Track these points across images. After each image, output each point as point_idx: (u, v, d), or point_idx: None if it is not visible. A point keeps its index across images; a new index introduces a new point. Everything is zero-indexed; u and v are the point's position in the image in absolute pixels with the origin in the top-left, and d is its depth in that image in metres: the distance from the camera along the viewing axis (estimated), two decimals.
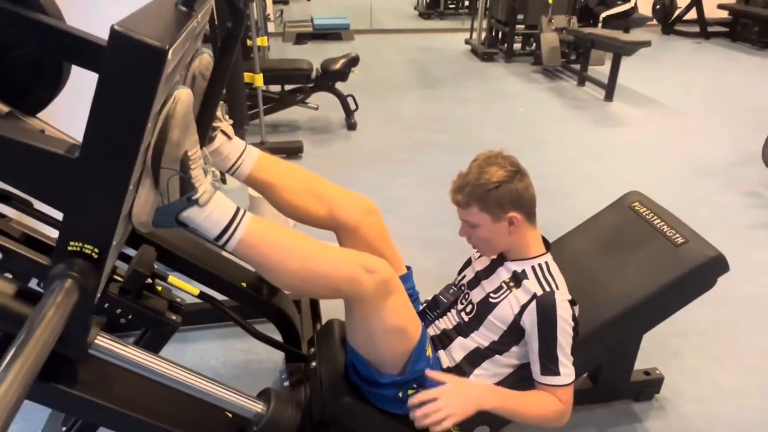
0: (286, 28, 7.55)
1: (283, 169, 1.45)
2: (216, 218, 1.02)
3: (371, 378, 1.32)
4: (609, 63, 4.95)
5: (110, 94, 0.74)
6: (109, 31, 0.70)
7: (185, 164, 0.95)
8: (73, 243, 0.82)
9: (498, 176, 1.28)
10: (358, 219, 1.45)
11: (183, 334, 2.03)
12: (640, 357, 1.72)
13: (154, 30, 0.74)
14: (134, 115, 0.76)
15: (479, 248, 1.42)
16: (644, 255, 1.53)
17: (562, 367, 1.28)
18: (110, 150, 0.78)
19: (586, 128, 4.37)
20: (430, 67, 6.21)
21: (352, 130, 4.22)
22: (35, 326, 0.68)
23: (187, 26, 0.88)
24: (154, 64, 0.72)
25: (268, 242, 1.09)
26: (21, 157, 0.79)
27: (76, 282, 0.80)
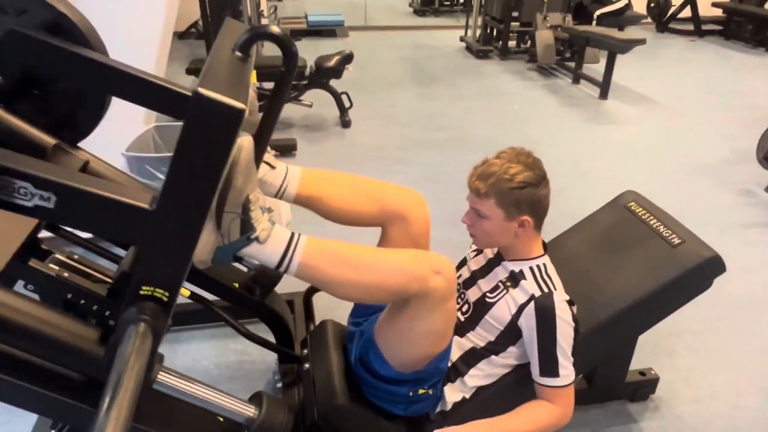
0: (279, 24, 7.51)
1: (327, 179, 1.44)
2: (273, 249, 1.05)
3: (383, 373, 1.30)
4: (604, 61, 4.95)
5: (190, 150, 0.77)
6: (193, 93, 0.74)
7: (246, 207, 0.99)
8: (145, 288, 0.86)
9: (525, 177, 1.26)
10: (408, 210, 1.44)
11: (175, 334, 2.01)
12: (636, 357, 1.71)
13: (229, 88, 0.77)
14: (212, 169, 0.80)
15: (477, 238, 1.38)
16: (640, 255, 1.52)
17: (562, 368, 1.27)
18: (187, 201, 0.81)
19: (581, 126, 4.36)
20: (425, 64, 6.19)
21: (347, 127, 4.20)
22: (122, 372, 0.74)
23: (248, 74, 0.92)
24: (233, 122, 0.76)
25: (327, 260, 1.10)
26: (101, 209, 0.81)
27: (149, 325, 0.84)
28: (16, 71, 1.04)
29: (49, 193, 0.78)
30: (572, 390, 1.30)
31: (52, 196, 0.78)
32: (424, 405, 1.36)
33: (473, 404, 1.36)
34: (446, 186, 3.31)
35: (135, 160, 2.45)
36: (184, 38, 6.66)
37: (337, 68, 4.03)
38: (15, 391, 0.92)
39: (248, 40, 0.95)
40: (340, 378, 1.38)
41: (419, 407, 1.36)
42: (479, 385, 1.37)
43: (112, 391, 0.70)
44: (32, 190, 0.78)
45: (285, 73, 1.11)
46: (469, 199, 1.34)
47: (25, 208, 0.79)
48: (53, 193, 0.78)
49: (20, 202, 0.78)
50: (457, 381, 1.37)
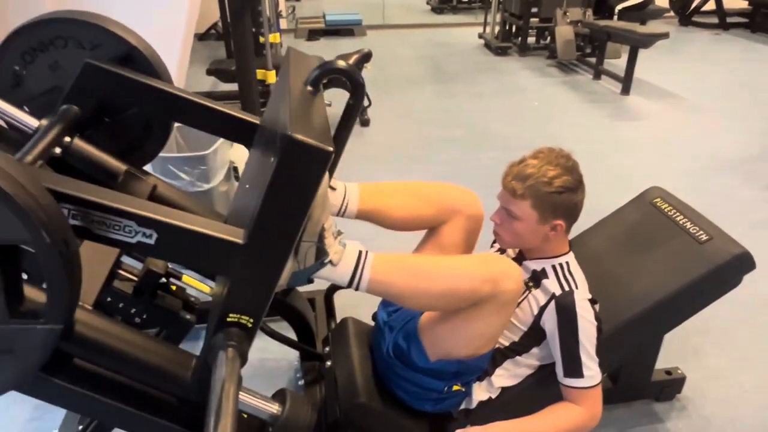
0: (298, 24, 7.54)
1: (384, 191, 1.45)
2: (343, 269, 1.08)
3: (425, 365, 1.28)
4: (625, 56, 4.87)
5: (282, 189, 0.82)
6: (287, 138, 0.78)
7: (321, 235, 1.03)
8: (232, 315, 0.91)
9: (564, 181, 1.24)
10: (464, 206, 1.45)
11: (198, 332, 2.02)
12: (661, 356, 1.68)
13: (316, 130, 0.82)
14: (300, 206, 0.84)
15: (504, 238, 1.36)
16: (667, 252, 1.49)
17: (586, 369, 1.25)
18: (276, 237, 0.86)
19: (603, 122, 4.31)
20: (443, 62, 6.16)
21: (365, 126, 4.20)
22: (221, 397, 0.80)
23: (323, 109, 0.95)
24: (322, 163, 0.80)
25: (395, 273, 1.12)
26: (196, 244, 0.86)
27: (237, 351, 0.89)
28: (93, 102, 1.10)
29: (151, 230, 0.84)
30: (599, 391, 1.27)
31: (153, 233, 0.84)
32: (452, 402, 1.35)
33: (497, 404, 1.35)
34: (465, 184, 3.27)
35: (159, 160, 2.49)
36: (204, 39, 6.72)
37: (356, 67, 4.02)
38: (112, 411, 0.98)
39: (319, 76, 1.00)
40: (363, 375, 1.38)
41: (448, 404, 1.35)
42: (505, 386, 1.36)
43: (216, 414, 0.77)
44: (136, 228, 0.83)
45: (352, 105, 1.16)
46: (501, 197, 1.32)
47: (128, 245, 0.85)
48: (154, 230, 0.84)
49: (125, 239, 0.84)
50: (485, 380, 1.37)
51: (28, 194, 0.67)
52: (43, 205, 0.69)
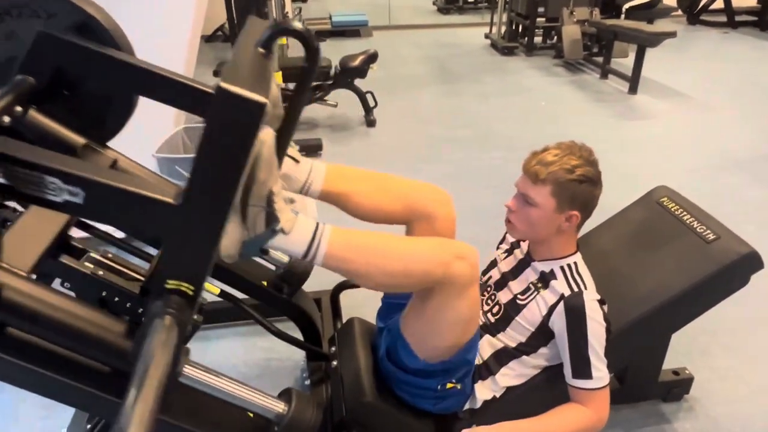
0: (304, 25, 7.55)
1: (352, 175, 1.44)
2: (299, 239, 1.05)
3: (414, 365, 1.29)
4: (633, 55, 4.85)
5: (214, 145, 0.79)
6: (216, 88, 0.75)
7: (270, 199, 0.99)
8: (170, 281, 0.87)
9: (585, 171, 1.25)
10: (433, 208, 1.43)
11: (205, 332, 2.04)
12: (669, 356, 1.67)
13: (252, 82, 0.78)
14: (235, 163, 0.81)
15: (517, 226, 1.34)
16: (674, 252, 1.49)
17: (595, 370, 1.24)
18: (211, 196, 0.82)
19: (610, 122, 4.29)
20: (450, 62, 6.16)
21: (371, 126, 4.20)
22: (148, 365, 0.75)
23: (271, 69, 0.93)
24: (255, 116, 0.77)
25: (353, 249, 1.11)
26: (128, 203, 0.83)
27: (175, 318, 0.85)
28: (47, 73, 1.06)
29: (78, 188, 0.80)
30: (607, 393, 1.27)
31: (80, 191, 0.80)
32: (453, 401, 1.35)
33: (503, 403, 1.35)
34: (471, 183, 3.30)
35: (165, 161, 2.50)
36: (211, 41, 6.75)
37: (362, 68, 4.04)
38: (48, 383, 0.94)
39: (271, 36, 0.95)
40: (368, 375, 1.38)
41: (448, 404, 1.35)
42: (510, 385, 1.36)
43: (139, 383, 0.71)
44: (61, 186, 0.79)
45: (307, 68, 1.10)
46: (520, 184, 1.31)
47: (55, 204, 0.81)
48: (81, 188, 0.80)
49: (50, 198, 0.80)
50: (488, 379, 1.36)
51: None
52: None
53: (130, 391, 0.70)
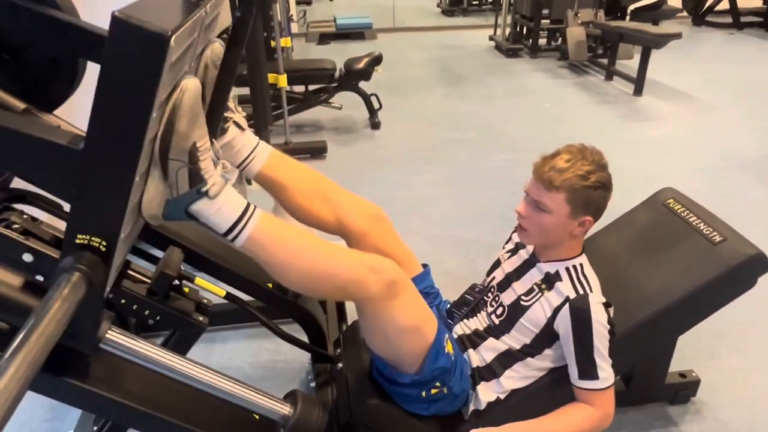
0: (309, 28, 7.58)
1: (295, 169, 1.42)
2: (226, 213, 1.00)
3: (393, 378, 1.31)
4: (638, 57, 4.84)
5: (113, 82, 0.73)
6: (111, 18, 0.69)
7: (194, 155, 0.93)
8: (80, 236, 0.82)
9: (600, 177, 1.24)
10: (364, 226, 1.42)
11: (211, 334, 2.05)
12: (675, 358, 1.66)
13: (156, 17, 0.73)
14: (137, 104, 0.75)
15: (528, 233, 1.32)
16: (680, 254, 1.48)
17: (601, 371, 1.24)
18: (114, 140, 0.77)
19: (615, 123, 4.28)
20: (454, 64, 6.16)
21: (376, 129, 4.21)
22: (40, 318, 0.68)
23: (194, 15, 0.87)
24: (156, 50, 0.71)
25: (276, 240, 1.08)
26: (27, 149, 0.79)
27: (84, 275, 0.80)
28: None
29: None
30: (612, 392, 1.27)
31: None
32: (445, 404, 1.35)
33: (507, 405, 1.34)
34: (477, 185, 3.30)
35: None
36: None
37: (366, 70, 4.05)
38: None
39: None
40: (374, 377, 1.38)
41: (441, 406, 1.34)
42: (515, 387, 1.35)
43: (21, 338, 0.64)
44: None
45: (241, 18, 1.05)
46: (531, 190, 1.28)
47: None
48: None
49: None
50: (492, 381, 1.36)
51: None
52: None
53: (12, 345, 0.64)
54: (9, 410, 0.57)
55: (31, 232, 1.10)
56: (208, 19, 1.02)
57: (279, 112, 3.69)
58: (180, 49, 0.80)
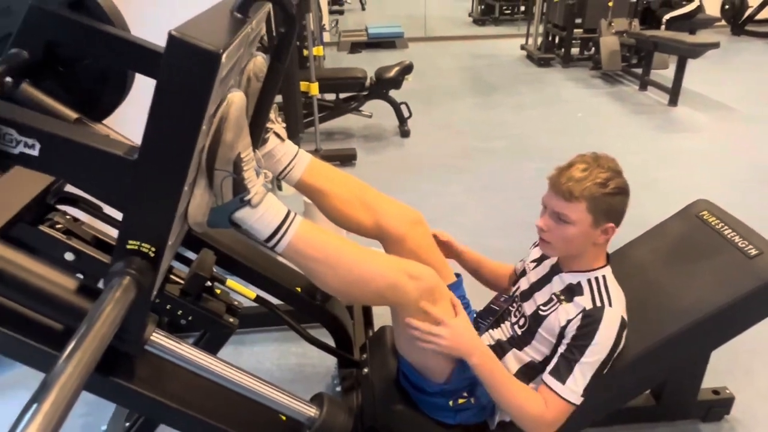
0: (341, 37, 7.67)
1: (334, 176, 1.45)
2: (267, 220, 1.04)
3: (420, 385, 1.31)
4: (673, 66, 4.75)
5: (167, 97, 0.77)
6: (167, 36, 0.73)
7: (238, 166, 0.97)
8: (131, 242, 0.86)
9: (618, 183, 1.23)
10: (404, 230, 1.44)
11: (239, 336, 2.08)
12: (709, 374, 1.62)
13: (209, 35, 0.77)
14: (190, 118, 0.79)
15: (551, 245, 1.31)
16: (714, 267, 1.45)
17: (571, 380, 1.21)
18: (167, 152, 0.81)
19: (649, 134, 4.21)
20: (485, 73, 6.15)
21: (406, 137, 4.23)
22: (95, 320, 0.72)
23: (242, 32, 0.91)
24: (208, 67, 0.75)
25: (316, 246, 1.10)
26: (84, 158, 0.83)
27: (134, 279, 0.83)
28: (40, 47, 1.08)
29: (33, 140, 0.80)
30: (567, 411, 1.22)
31: (36, 143, 0.80)
32: (471, 414, 1.34)
33: None
34: (506, 195, 3.28)
35: None
36: None
37: (397, 79, 4.08)
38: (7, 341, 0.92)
39: (246, 0, 0.95)
40: (399, 383, 1.39)
41: (467, 416, 1.34)
42: None
43: (77, 339, 0.68)
44: (17, 137, 0.80)
45: (285, 34, 1.10)
46: (550, 203, 1.27)
47: (10, 155, 0.81)
48: (37, 140, 0.80)
49: (5, 149, 0.80)
50: None
51: None
52: None
53: (69, 346, 0.67)
54: (68, 406, 0.60)
55: (73, 232, 1.16)
56: (253, 35, 1.07)
57: (310, 120, 3.75)
58: (229, 64, 0.84)
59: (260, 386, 1.08)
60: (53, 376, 0.62)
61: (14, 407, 0.59)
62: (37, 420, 0.56)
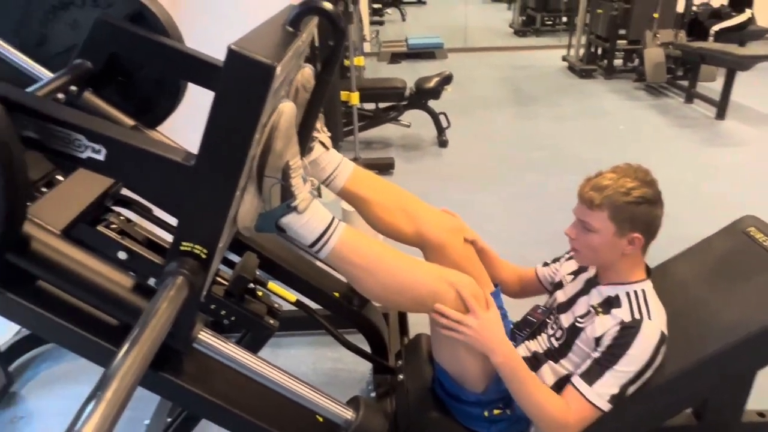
0: (381, 48, 7.75)
1: (376, 184, 1.48)
2: (312, 226, 1.08)
3: (456, 394, 1.31)
4: (721, 79, 4.63)
5: (225, 106, 0.81)
6: (226, 49, 0.77)
7: (286, 173, 1.01)
8: (185, 243, 0.90)
9: (642, 192, 1.22)
10: (444, 239, 1.45)
11: (276, 339, 2.11)
12: (753, 395, 1.57)
13: (264, 48, 0.81)
14: (245, 126, 0.83)
15: (581, 254, 1.33)
16: (761, 284, 1.41)
17: (600, 385, 1.19)
18: (222, 158, 0.85)
19: (694, 147, 4.10)
20: (525, 84, 6.11)
21: (444, 147, 4.24)
22: (150, 317, 0.75)
23: (294, 45, 0.95)
24: (264, 79, 0.79)
25: (359, 252, 1.13)
26: (145, 163, 0.88)
27: (187, 279, 0.88)
28: (103, 58, 1.16)
29: (100, 145, 0.85)
30: (589, 416, 1.19)
31: (102, 149, 0.85)
32: (507, 425, 1.34)
33: None
34: (544, 206, 3.25)
35: None
36: None
37: (436, 89, 4.10)
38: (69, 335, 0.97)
39: (299, 14, 0.99)
40: (435, 390, 1.40)
41: (502, 427, 1.34)
42: None
43: (135, 335, 0.71)
44: (86, 143, 0.85)
45: (334, 47, 1.13)
46: (577, 211, 1.29)
47: (78, 159, 0.87)
48: (103, 145, 0.85)
49: (75, 154, 0.86)
50: None
51: None
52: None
53: (126, 342, 0.70)
54: (126, 399, 0.64)
55: (126, 232, 1.22)
56: (303, 47, 1.11)
57: (349, 129, 3.80)
58: (282, 76, 0.88)
59: (300, 387, 1.11)
60: (113, 370, 0.65)
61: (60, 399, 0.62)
62: (98, 412, 0.60)
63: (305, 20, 1.04)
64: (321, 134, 1.38)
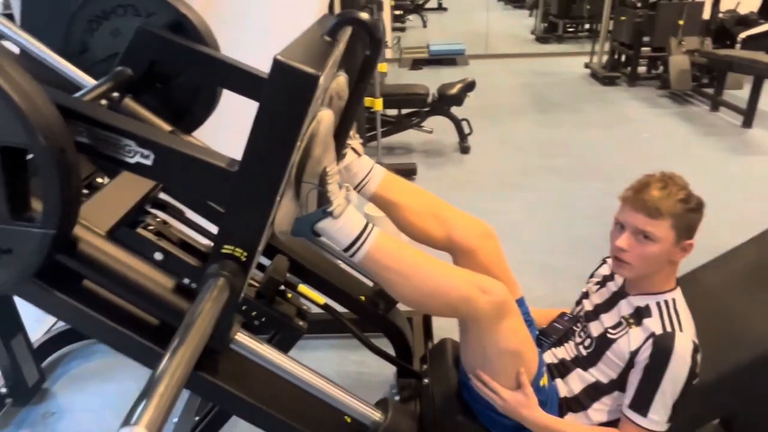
0: (402, 54, 7.79)
1: (407, 189, 1.51)
2: (347, 230, 1.11)
3: (484, 400, 1.32)
4: (748, 87, 4.57)
5: (270, 114, 0.84)
6: (272, 60, 0.80)
7: (323, 179, 1.04)
8: (226, 246, 0.93)
9: (697, 199, 1.23)
10: (474, 243, 1.47)
11: (302, 341, 2.13)
12: None
13: (308, 59, 0.84)
14: (289, 134, 0.86)
15: (631, 265, 1.27)
16: None
17: (653, 411, 1.19)
18: (265, 164, 0.87)
19: (720, 156, 4.05)
20: (547, 91, 6.09)
21: (466, 153, 4.25)
22: (195, 318, 0.78)
23: (333, 54, 0.99)
24: (308, 88, 0.82)
25: (392, 257, 1.16)
26: (191, 169, 0.91)
27: (228, 281, 0.90)
28: (144, 65, 1.21)
29: (149, 151, 0.88)
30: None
31: (151, 154, 0.88)
32: None
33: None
34: (567, 213, 3.24)
35: None
36: None
37: (459, 96, 4.11)
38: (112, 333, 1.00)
39: (336, 24, 1.02)
40: (460, 394, 1.41)
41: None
42: (603, 421, 1.32)
43: (181, 335, 0.74)
44: (135, 148, 0.88)
45: (370, 57, 1.16)
46: (634, 221, 1.23)
47: (128, 165, 0.90)
48: (152, 151, 0.88)
49: (124, 159, 0.89)
50: (580, 413, 1.34)
51: (29, 100, 0.73)
52: (44, 112, 0.75)
53: (173, 342, 0.73)
54: (174, 398, 0.66)
55: (162, 234, 1.25)
56: (339, 57, 1.14)
57: (372, 134, 3.83)
58: (324, 85, 0.92)
59: (330, 388, 1.13)
60: (162, 369, 0.68)
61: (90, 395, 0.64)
62: (149, 412, 0.63)
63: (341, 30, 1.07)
64: (353, 141, 1.41)
